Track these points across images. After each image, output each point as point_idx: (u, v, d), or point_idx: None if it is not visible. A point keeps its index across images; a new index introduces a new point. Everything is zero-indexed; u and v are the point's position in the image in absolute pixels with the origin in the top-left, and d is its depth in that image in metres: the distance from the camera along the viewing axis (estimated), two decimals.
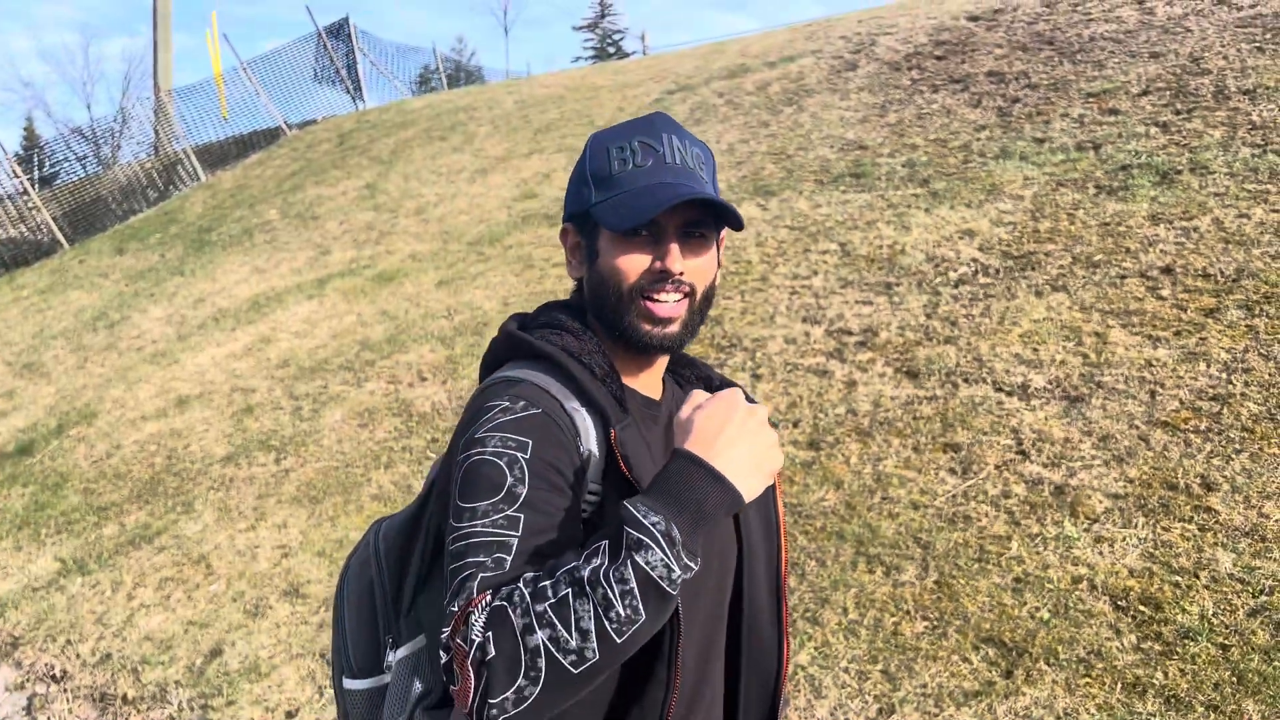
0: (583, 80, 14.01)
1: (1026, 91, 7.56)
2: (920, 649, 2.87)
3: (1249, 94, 6.08)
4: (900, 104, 8.28)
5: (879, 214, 6.33)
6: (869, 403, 4.32)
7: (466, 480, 1.09)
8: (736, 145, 8.69)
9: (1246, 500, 3.11)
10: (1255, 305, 4.12)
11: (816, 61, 10.27)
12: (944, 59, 8.98)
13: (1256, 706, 2.43)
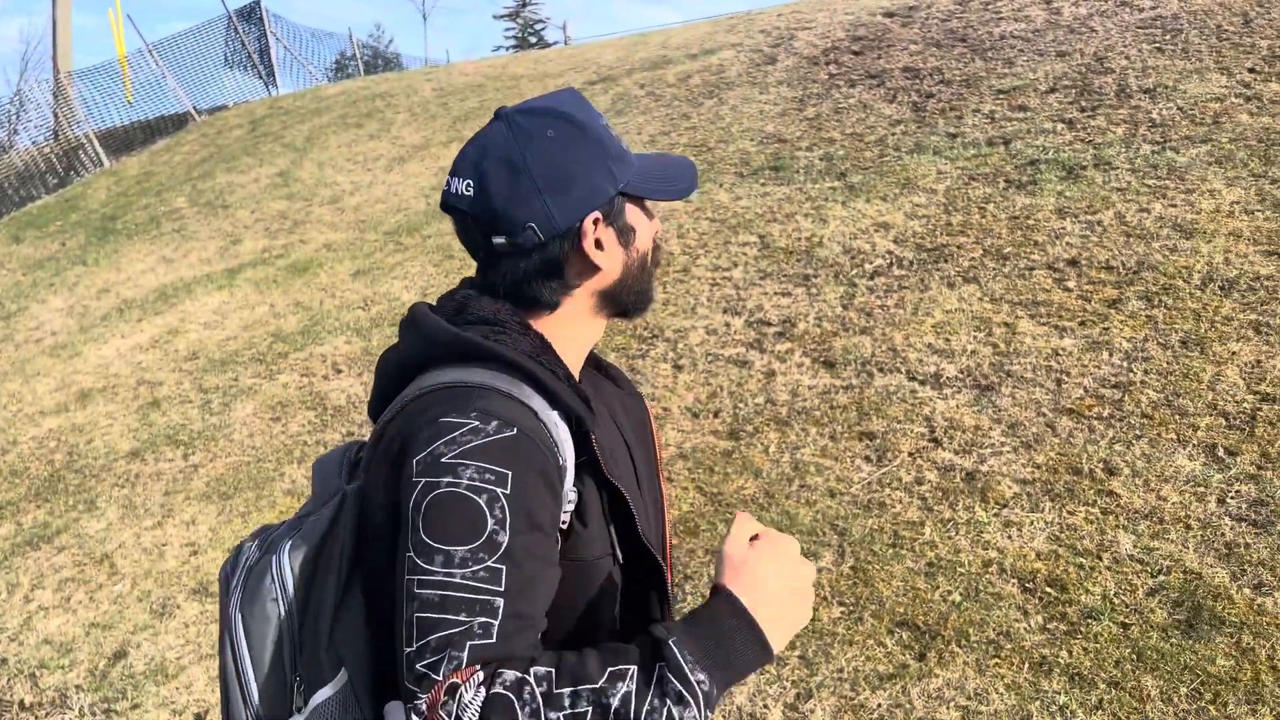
0: (503, 69, 13.87)
1: (940, 87, 7.72)
2: (837, 634, 2.91)
3: (1149, 93, 6.31)
4: (818, 98, 8.39)
5: (798, 207, 6.40)
6: (787, 392, 4.37)
7: (436, 516, 0.96)
8: (658, 137, 8.70)
9: (1146, 484, 3.23)
10: (1154, 296, 4.28)
11: (737, 54, 10.33)
12: (861, 54, 9.12)
13: (1155, 682, 2.53)
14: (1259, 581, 2.76)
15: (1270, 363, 3.67)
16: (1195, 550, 2.92)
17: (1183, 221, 4.79)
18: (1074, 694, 2.55)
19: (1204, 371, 3.72)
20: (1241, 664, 2.53)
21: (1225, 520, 3.01)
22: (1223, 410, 3.49)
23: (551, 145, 1.11)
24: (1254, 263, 4.33)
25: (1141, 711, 2.46)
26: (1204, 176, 5.14)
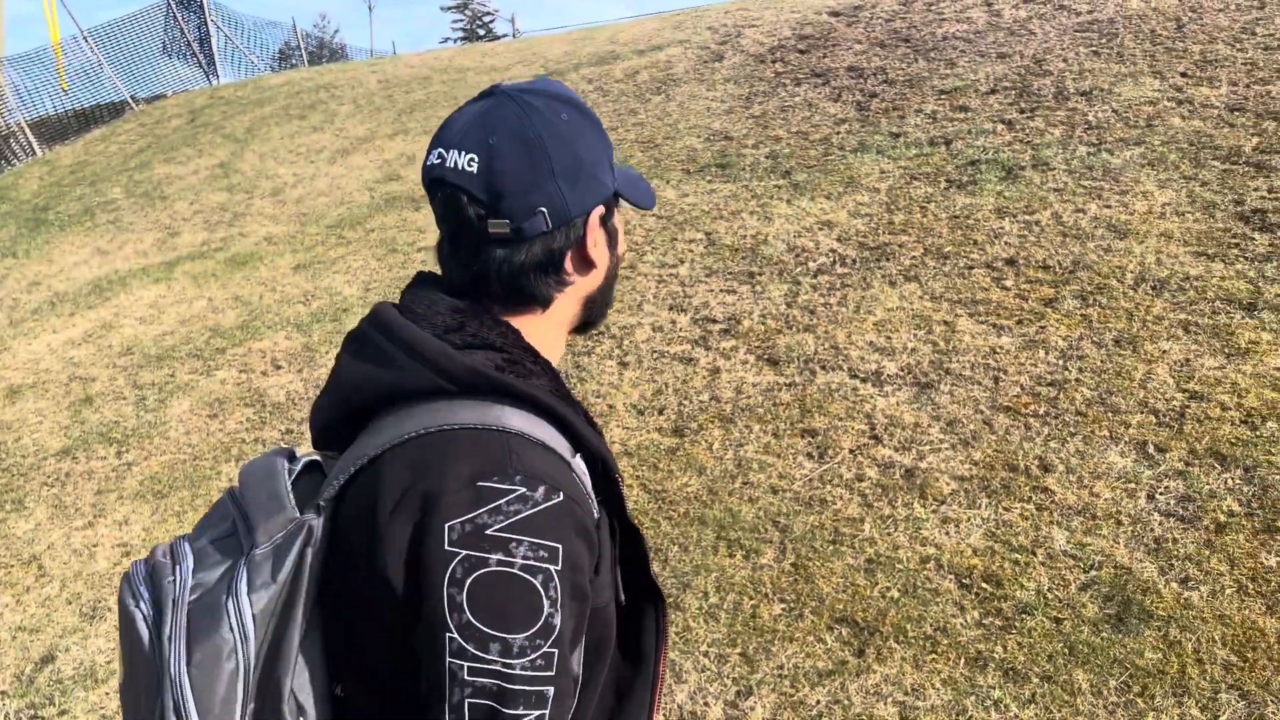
0: (450, 62, 13.73)
1: (884, 87, 7.80)
2: (778, 630, 2.93)
3: (1086, 95, 6.43)
4: (764, 96, 8.43)
5: (743, 204, 6.43)
6: (731, 389, 4.38)
7: (488, 599, 0.87)
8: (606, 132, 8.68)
9: (1079, 480, 3.30)
10: (1090, 296, 4.37)
11: (684, 51, 10.34)
12: (806, 53, 9.18)
13: (1086, 675, 2.58)
14: (1186, 576, 2.84)
15: (1198, 361, 3.77)
16: (1126, 545, 2.99)
17: (1117, 222, 4.90)
18: (1008, 688, 2.59)
19: (1136, 370, 3.80)
20: (1169, 657, 2.59)
21: (1154, 516, 3.09)
22: (1153, 408, 3.57)
23: (566, 129, 1.03)
24: (1184, 263, 4.44)
25: (1073, 705, 2.51)
26: (1137, 178, 5.26)
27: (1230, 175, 5.08)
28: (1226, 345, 3.83)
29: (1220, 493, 3.11)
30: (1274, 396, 3.49)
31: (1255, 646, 2.58)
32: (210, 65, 17.61)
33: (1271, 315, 3.95)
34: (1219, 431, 3.37)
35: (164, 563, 0.97)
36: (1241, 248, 4.47)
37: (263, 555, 0.94)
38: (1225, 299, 4.13)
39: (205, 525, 1.02)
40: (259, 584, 0.92)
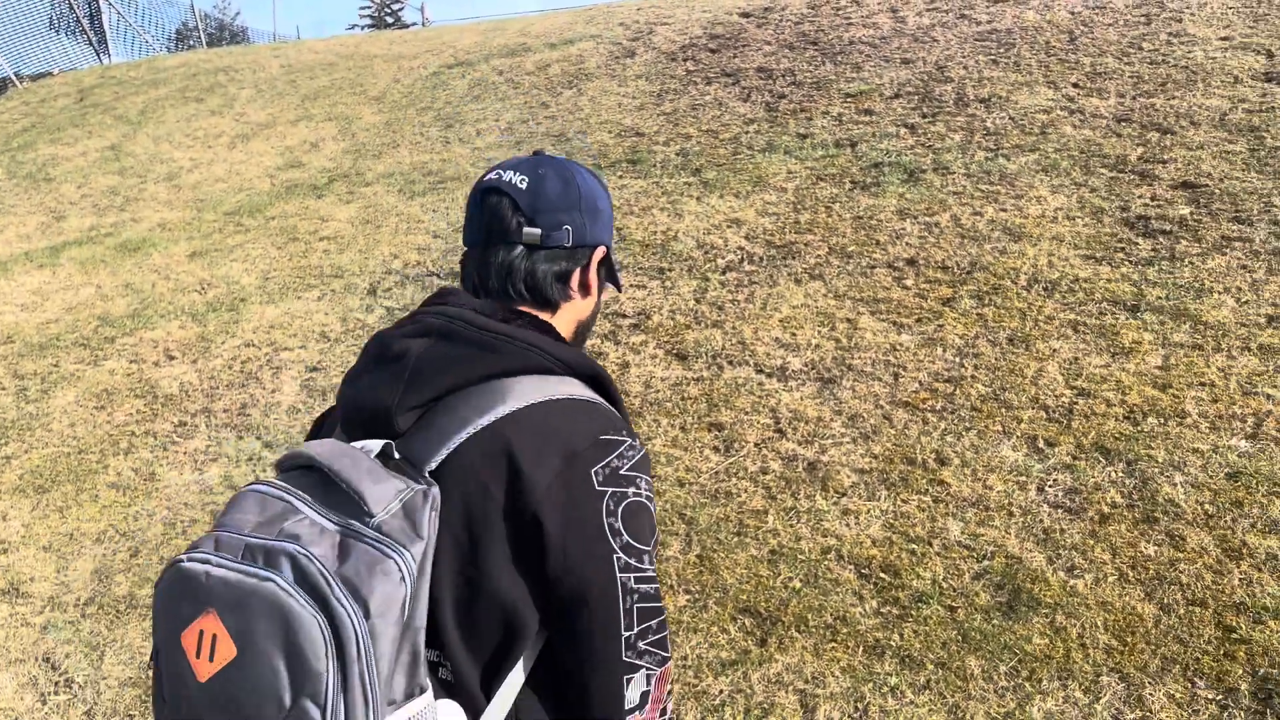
0: (356, 48, 13.43)
1: (792, 89, 7.93)
2: (682, 622, 2.95)
3: (984, 102, 6.65)
4: (675, 94, 8.47)
5: (654, 200, 6.45)
6: (640, 384, 4.39)
7: (634, 521, 1.10)
8: (516, 125, 8.60)
9: (974, 473, 3.41)
10: (985, 296, 4.51)
11: (596, 46, 10.33)
12: (717, 52, 9.26)
13: (978, 662, 2.67)
14: (1072, 565, 2.95)
15: (1086, 360, 3.93)
16: (1016, 536, 3.10)
17: (1012, 225, 5.07)
18: (904, 675, 2.66)
19: (1028, 368, 3.95)
20: (1055, 642, 2.70)
21: (1044, 508, 3.21)
22: (1044, 404, 3.71)
23: (593, 184, 1.32)
24: (1074, 266, 4.62)
25: (965, 690, 2.59)
26: (1031, 184, 5.46)
27: (1117, 183, 5.32)
28: (1112, 345, 4.01)
29: (1104, 485, 3.25)
30: (1154, 394, 3.66)
31: (1134, 631, 2.70)
32: (101, 43, 16.86)
33: (1153, 316, 4.14)
34: (1104, 427, 3.52)
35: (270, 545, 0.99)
36: (1127, 252, 4.68)
37: (393, 518, 1.00)
38: (1111, 300, 4.31)
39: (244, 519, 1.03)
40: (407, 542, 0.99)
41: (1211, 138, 5.64)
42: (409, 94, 10.34)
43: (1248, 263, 4.43)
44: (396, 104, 10.09)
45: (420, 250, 6.33)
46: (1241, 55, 6.60)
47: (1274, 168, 5.19)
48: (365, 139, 9.16)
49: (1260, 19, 7.09)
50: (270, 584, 0.94)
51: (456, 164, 7.94)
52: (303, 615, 0.92)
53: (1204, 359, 3.82)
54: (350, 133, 9.45)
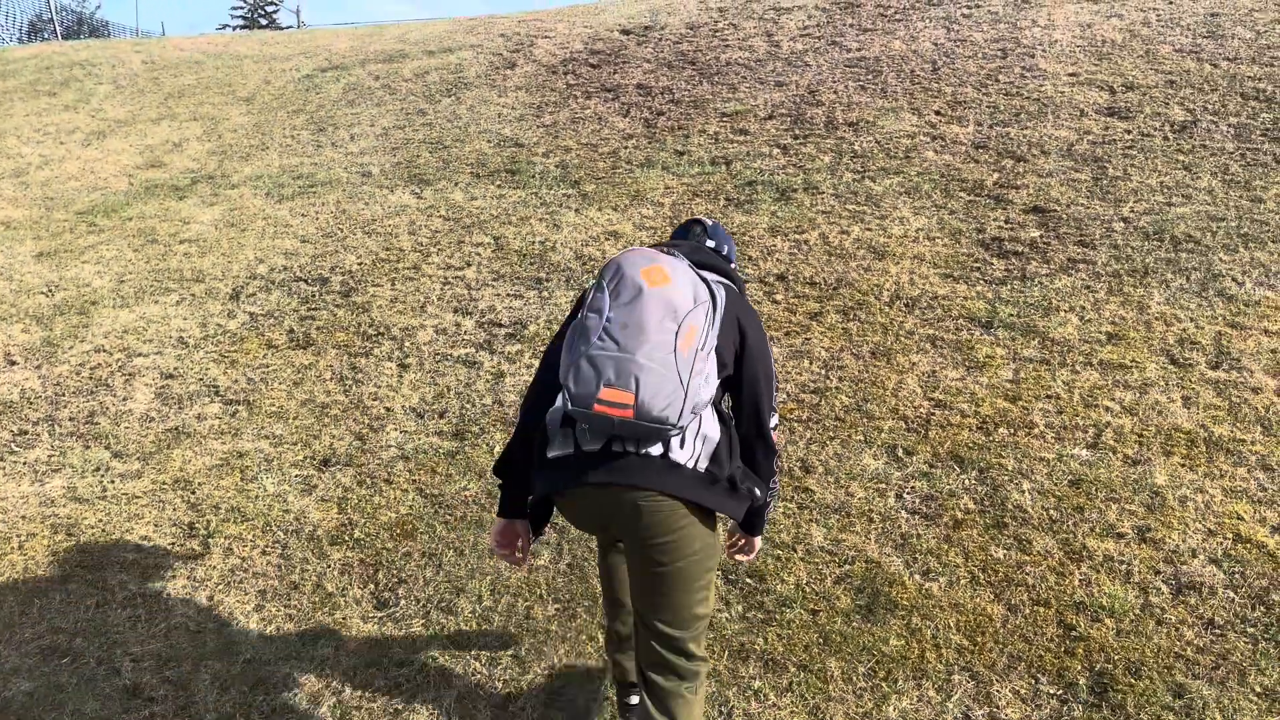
0: (226, 47, 12.95)
1: (670, 106, 8.04)
2: (551, 631, 2.93)
3: (853, 126, 6.89)
4: (556, 106, 8.48)
5: (533, 211, 6.43)
6: (516, 394, 4.36)
7: (765, 339, 2.17)
8: (392, 130, 8.45)
9: (837, 481, 3.51)
10: (850, 311, 4.67)
11: (476, 56, 10.25)
12: (598, 68, 9.33)
13: (838, 663, 2.74)
14: (927, 568, 3.07)
15: (943, 373, 4.10)
16: (876, 541, 3.20)
17: (876, 244, 5.26)
18: (767, 678, 2.71)
19: (889, 380, 4.10)
20: (910, 643, 2.80)
21: (902, 514, 3.33)
22: (903, 415, 3.86)
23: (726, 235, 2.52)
24: (933, 284, 4.83)
25: (825, 692, 2.66)
26: (895, 205, 5.68)
27: (974, 206, 5.59)
28: (967, 359, 4.20)
29: (958, 492, 3.40)
30: (1005, 405, 3.85)
31: (984, 631, 2.82)
32: None
33: (1005, 333, 4.36)
34: (959, 436, 3.68)
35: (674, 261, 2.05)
36: (982, 271, 4.92)
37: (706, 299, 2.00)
38: (967, 317, 4.52)
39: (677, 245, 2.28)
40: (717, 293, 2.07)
41: (1060, 166, 5.99)
42: (280, 96, 10.04)
43: (1090, 283, 4.71)
44: (267, 106, 9.78)
45: (288, 255, 6.14)
46: (1087, 90, 7.05)
47: (1115, 196, 5.55)
48: (232, 140, 8.84)
49: (1104, 58, 7.58)
50: (686, 263, 2.05)
51: (329, 168, 7.74)
52: (700, 282, 2.01)
53: (1050, 373, 4.05)
54: (217, 133, 9.10)
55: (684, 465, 1.95)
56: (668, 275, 1.94)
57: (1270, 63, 7.08)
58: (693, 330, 1.90)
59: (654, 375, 1.83)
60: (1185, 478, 3.36)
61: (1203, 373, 3.96)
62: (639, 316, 1.88)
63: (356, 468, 3.91)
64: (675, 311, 1.91)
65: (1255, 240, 4.92)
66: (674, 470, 1.94)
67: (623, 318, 1.89)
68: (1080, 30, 8.28)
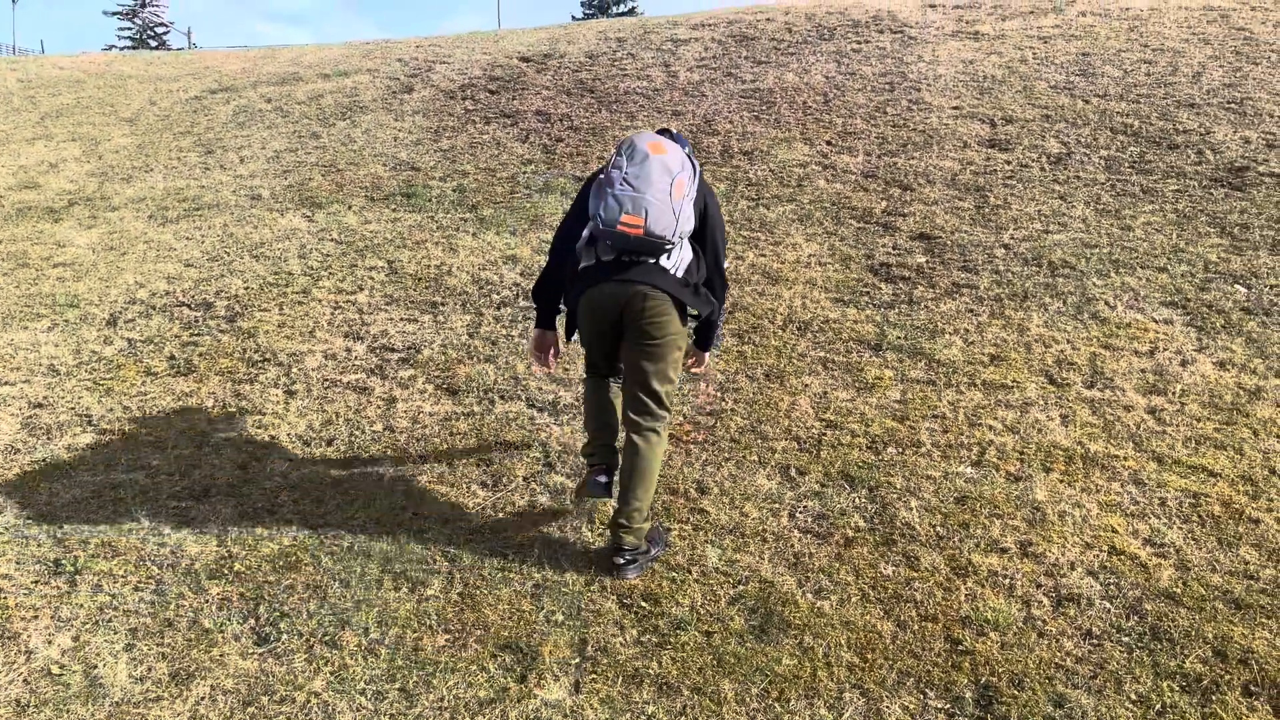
0: (109, 67, 12.49)
1: (569, 132, 8.06)
2: (440, 662, 2.85)
3: (747, 155, 7.02)
4: (454, 131, 8.41)
5: (429, 234, 6.34)
6: (408, 419, 4.26)
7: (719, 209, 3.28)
8: (284, 153, 8.25)
9: (731, 502, 3.52)
10: (745, 334, 4.72)
11: (373, 80, 10.11)
12: (497, 94, 9.30)
13: (731, 685, 2.73)
14: (819, 587, 3.10)
15: (834, 394, 4.17)
16: (769, 561, 3.22)
17: (770, 270, 5.34)
18: (662, 703, 2.68)
19: (782, 401, 4.15)
20: (803, 662, 2.81)
21: (794, 533, 3.35)
22: (796, 435, 3.90)
23: None
24: (825, 308, 4.92)
25: (719, 714, 2.64)
26: (788, 231, 5.79)
27: (864, 232, 5.73)
28: (857, 380, 4.28)
29: (849, 511, 3.45)
30: (894, 425, 3.93)
31: (874, 648, 2.85)
32: None
33: (893, 355, 4.47)
34: (849, 456, 3.74)
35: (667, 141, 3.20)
36: (871, 296, 5.03)
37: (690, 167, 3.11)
38: (857, 340, 4.62)
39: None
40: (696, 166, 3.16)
41: (944, 195, 6.20)
42: (166, 117, 9.71)
43: (974, 307, 4.87)
44: (151, 127, 9.44)
45: (170, 279, 5.90)
46: (970, 123, 7.33)
47: (996, 223, 5.77)
48: (114, 161, 8.50)
49: (985, 92, 7.91)
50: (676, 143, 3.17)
51: (216, 191, 7.50)
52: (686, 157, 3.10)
53: (936, 394, 4.16)
54: (97, 154, 8.74)
55: (669, 271, 3.09)
56: (664, 148, 3.05)
57: (1136, 100, 7.50)
58: (681, 184, 3.01)
59: (656, 209, 2.95)
60: (1064, 493, 3.48)
61: (1079, 392, 4.12)
62: (646, 172, 2.98)
63: (238, 498, 3.75)
64: (670, 171, 3.00)
65: (1125, 266, 5.17)
66: (663, 273, 3.08)
67: (635, 173, 2.98)
68: (963, 66, 8.63)
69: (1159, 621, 2.86)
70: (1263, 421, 3.84)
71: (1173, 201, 5.90)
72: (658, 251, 3.03)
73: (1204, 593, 2.96)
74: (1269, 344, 4.40)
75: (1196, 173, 6.24)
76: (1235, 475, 3.52)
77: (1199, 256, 5.22)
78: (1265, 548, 3.15)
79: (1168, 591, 2.97)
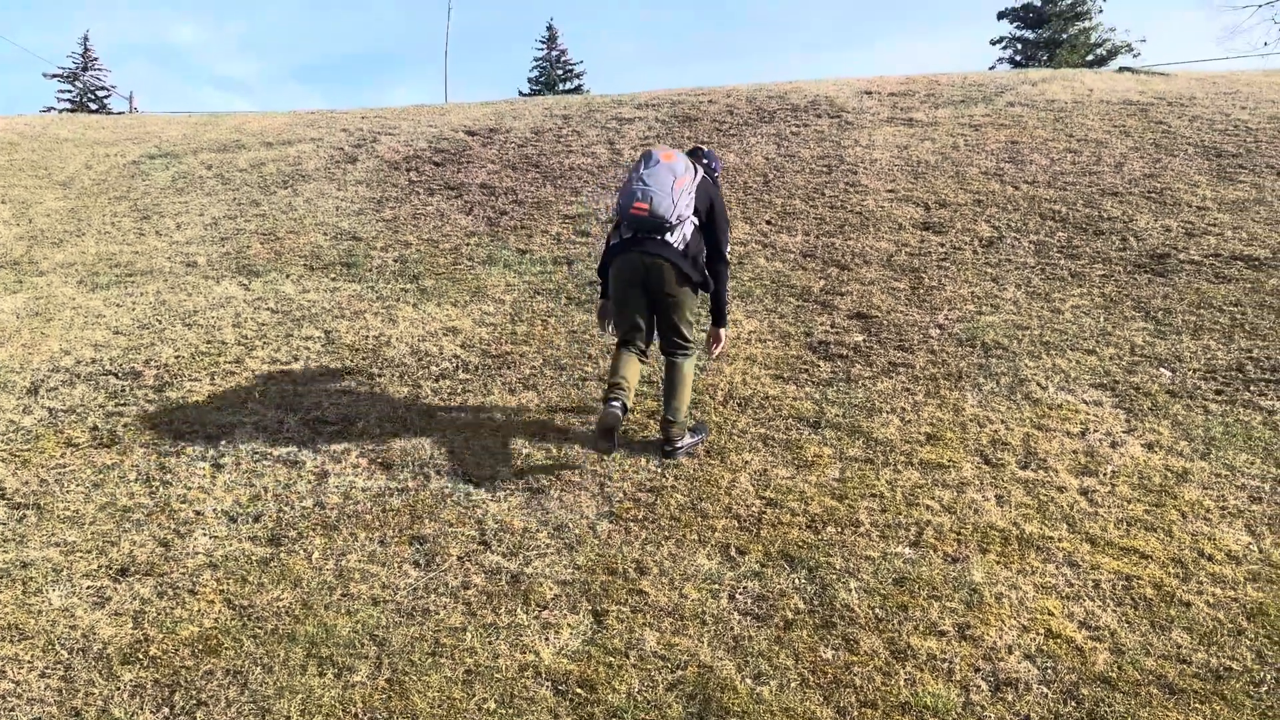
0: (44, 129, 12.30)
1: (514, 206, 8.10)
2: None
3: None
4: (397, 201, 8.40)
5: (368, 305, 6.27)
6: (339, 495, 4.15)
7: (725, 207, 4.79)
8: (222, 220, 8.14)
9: (671, 582, 3.47)
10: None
11: (317, 149, 10.10)
12: (442, 165, 9.34)
13: None
14: (759, 671, 3.04)
15: (774, 471, 4.17)
16: (709, 644, 3.16)
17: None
18: None
19: (723, 478, 4.13)
20: None
21: (734, 615, 3.31)
22: (736, 513, 3.88)
23: None
24: (765, 384, 4.95)
25: None
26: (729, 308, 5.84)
27: (802, 310, 5.81)
28: (796, 458, 4.29)
29: (789, 591, 3.41)
30: (833, 504, 3.93)
31: None
32: None
33: (832, 432, 4.49)
34: (789, 535, 3.72)
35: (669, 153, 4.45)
36: (810, 373, 5.08)
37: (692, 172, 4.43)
38: (796, 417, 4.64)
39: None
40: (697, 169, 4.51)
41: (881, 275, 6.33)
42: (102, 181, 9.56)
43: (910, 386, 4.94)
44: (86, 191, 9.28)
45: (97, 347, 5.74)
46: (904, 206, 7.54)
47: (931, 304, 5.89)
48: (45, 225, 8.31)
49: (919, 176, 8.15)
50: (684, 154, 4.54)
51: (150, 257, 7.36)
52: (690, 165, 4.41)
53: (874, 472, 4.18)
54: (27, 217, 8.54)
55: (673, 244, 4.27)
56: (673, 156, 4.35)
57: (1063, 187, 7.79)
58: (682, 181, 4.26)
59: (658, 197, 4.19)
60: (1000, 574, 3.49)
61: (1013, 472, 4.17)
62: (656, 172, 4.26)
63: (157, 577, 3.59)
64: (674, 172, 4.26)
65: (1056, 348, 5.30)
66: (667, 246, 4.25)
67: (649, 174, 4.26)
68: (897, 151, 8.90)
69: (1095, 707, 2.85)
70: (1190, 504, 3.91)
71: (1099, 286, 6.09)
72: (661, 229, 4.23)
73: (1139, 677, 2.97)
74: (1193, 427, 4.52)
75: (1121, 258, 6.47)
76: (1166, 558, 3.57)
77: (1125, 340, 5.38)
78: (1197, 631, 3.18)
79: (1103, 676, 2.98)
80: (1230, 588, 3.39)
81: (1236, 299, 5.81)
